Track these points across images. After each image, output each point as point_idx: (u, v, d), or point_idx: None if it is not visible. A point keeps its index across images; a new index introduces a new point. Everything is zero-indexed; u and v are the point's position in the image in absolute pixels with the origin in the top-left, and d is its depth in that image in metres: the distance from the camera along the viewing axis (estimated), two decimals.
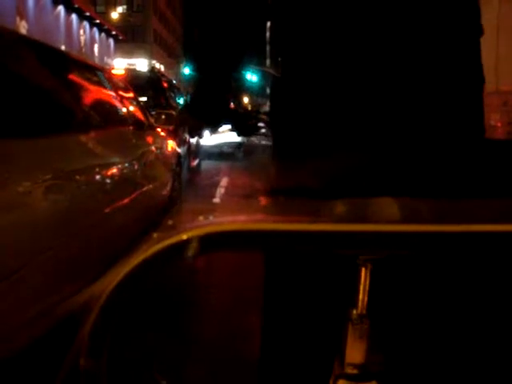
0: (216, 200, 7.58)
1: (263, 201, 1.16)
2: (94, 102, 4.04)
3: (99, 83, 4.34)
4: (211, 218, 0.67)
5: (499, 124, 8.23)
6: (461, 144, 1.06)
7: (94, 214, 2.89)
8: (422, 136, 1.04)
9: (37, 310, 2.12)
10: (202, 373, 2.55)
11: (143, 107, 5.69)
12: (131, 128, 4.63)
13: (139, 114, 5.14)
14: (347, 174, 1.00)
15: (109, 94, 4.49)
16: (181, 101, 11.26)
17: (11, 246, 2.00)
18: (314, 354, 1.03)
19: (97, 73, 4.42)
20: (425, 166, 1.03)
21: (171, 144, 6.02)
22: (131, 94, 5.29)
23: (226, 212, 0.81)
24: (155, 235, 0.55)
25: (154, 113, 6.39)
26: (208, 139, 13.31)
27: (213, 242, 0.55)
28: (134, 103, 5.28)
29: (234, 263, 3.72)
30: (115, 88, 4.71)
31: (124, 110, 4.73)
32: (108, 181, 3.32)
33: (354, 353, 0.70)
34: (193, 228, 0.55)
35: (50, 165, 2.51)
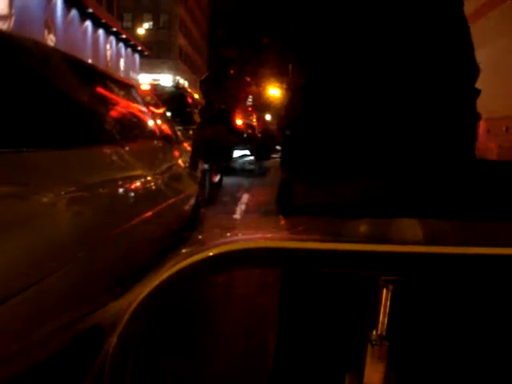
0: (236, 216, 7.59)
1: (284, 218, 1.17)
2: (125, 117, 4.14)
3: (131, 99, 4.49)
4: (234, 235, 0.68)
5: None
6: (461, 166, 1.08)
7: (119, 227, 2.91)
8: (435, 157, 1.06)
9: (60, 323, 2.13)
10: None
11: (172, 122, 5.79)
12: (160, 142, 4.74)
13: (168, 129, 5.24)
14: (369, 194, 1.01)
15: (140, 109, 4.64)
16: None
17: (33, 256, 2.02)
18: (329, 373, 1.03)
19: (130, 89, 4.61)
20: (439, 187, 1.04)
21: None
22: (161, 110, 5.40)
23: (247, 229, 0.82)
24: (184, 250, 0.56)
25: (180, 127, 6.46)
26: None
27: (238, 259, 0.56)
28: (163, 118, 5.38)
29: (255, 280, 3.71)
30: (146, 104, 4.87)
31: (153, 124, 4.85)
32: (134, 193, 3.36)
33: (373, 374, 0.70)
34: (217, 245, 0.56)
35: (74, 177, 2.54)
